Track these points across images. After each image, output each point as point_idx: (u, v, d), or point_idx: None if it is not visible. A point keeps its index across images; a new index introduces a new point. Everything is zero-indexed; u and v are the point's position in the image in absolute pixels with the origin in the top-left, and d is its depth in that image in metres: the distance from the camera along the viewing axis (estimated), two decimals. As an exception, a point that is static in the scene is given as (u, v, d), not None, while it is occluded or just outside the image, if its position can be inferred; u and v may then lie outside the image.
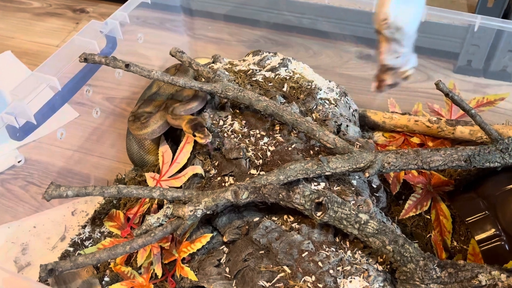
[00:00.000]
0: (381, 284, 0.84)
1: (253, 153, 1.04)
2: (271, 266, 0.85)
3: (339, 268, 0.85)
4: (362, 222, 0.84)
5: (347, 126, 1.14)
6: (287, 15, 1.58)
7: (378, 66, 0.80)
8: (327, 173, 0.95)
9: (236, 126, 1.10)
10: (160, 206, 1.10)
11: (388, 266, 0.88)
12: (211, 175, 1.04)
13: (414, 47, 0.75)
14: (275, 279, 0.84)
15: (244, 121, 1.12)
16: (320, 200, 0.85)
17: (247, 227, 0.94)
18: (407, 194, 1.15)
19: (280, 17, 1.60)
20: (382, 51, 0.75)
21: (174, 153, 1.12)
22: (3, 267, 0.82)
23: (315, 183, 0.98)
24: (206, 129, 1.01)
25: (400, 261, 0.83)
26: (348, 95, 1.26)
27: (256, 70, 1.25)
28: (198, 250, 0.95)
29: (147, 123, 1.15)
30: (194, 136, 1.00)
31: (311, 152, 1.05)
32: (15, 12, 2.04)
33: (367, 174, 0.92)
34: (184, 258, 0.96)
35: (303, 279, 0.83)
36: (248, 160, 1.03)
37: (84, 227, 1.22)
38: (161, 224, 0.92)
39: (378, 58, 0.79)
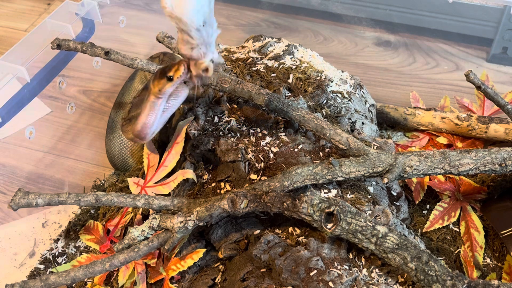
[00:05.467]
0: (402, 308, 0.84)
1: (253, 155, 1.04)
2: (274, 286, 0.86)
3: (353, 289, 0.85)
4: (380, 235, 0.84)
5: (362, 123, 1.14)
6: (293, -5, 1.59)
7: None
8: (339, 179, 0.95)
9: (234, 123, 1.11)
10: (145, 216, 1.11)
11: (410, 287, 0.88)
12: (204, 181, 1.05)
13: (212, 41, 0.85)
14: (279, 301, 0.84)
15: (242, 118, 1.12)
16: (331, 210, 0.85)
17: (246, 241, 0.94)
18: (433, 203, 1.15)
19: (285, -3, 1.61)
20: (178, 40, 0.84)
21: (161, 155, 1.12)
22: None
23: (325, 190, 0.98)
24: (171, 63, 0.92)
25: (424, 280, 0.83)
26: (364, 87, 1.26)
27: (256, 58, 1.25)
28: (189, 267, 0.95)
29: None
30: (171, 79, 0.90)
31: (321, 154, 1.05)
32: (-24, -9, 2.05)
33: (386, 180, 0.92)
34: (173, 277, 0.97)
35: (311, 302, 0.83)
36: (247, 163, 1.03)
37: (56, 241, 1.22)
38: (146, 238, 0.92)
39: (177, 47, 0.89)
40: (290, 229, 0.94)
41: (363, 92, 1.24)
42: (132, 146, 1.26)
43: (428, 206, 1.17)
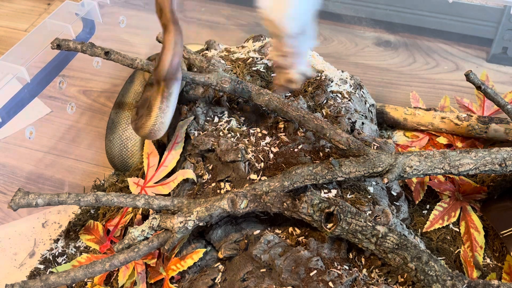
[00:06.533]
0: (402, 308, 0.84)
1: (253, 155, 1.04)
2: (274, 286, 0.86)
3: (353, 289, 0.85)
4: (380, 235, 0.84)
5: (362, 123, 1.14)
6: (293, -5, 1.58)
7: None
8: (339, 179, 0.95)
9: (234, 123, 1.11)
10: (145, 216, 1.11)
11: (410, 287, 0.88)
12: (204, 181, 1.05)
13: (304, 52, 0.77)
14: (279, 301, 0.84)
15: (243, 118, 1.12)
16: (331, 210, 0.85)
17: (246, 241, 0.94)
18: (432, 203, 1.15)
19: (284, -3, 1.60)
20: (271, 44, 0.76)
21: (161, 155, 1.12)
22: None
23: (325, 190, 0.98)
24: None
25: (424, 280, 0.83)
26: (364, 87, 1.26)
27: (257, 58, 1.25)
28: (189, 268, 0.95)
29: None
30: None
31: (321, 154, 1.05)
32: (-24, -9, 2.05)
33: (386, 180, 0.92)
34: (173, 277, 0.97)
35: (311, 302, 0.83)
36: (247, 163, 1.03)
37: (56, 241, 1.22)
38: (146, 238, 0.92)
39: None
40: (290, 229, 0.94)
41: (363, 92, 1.24)
42: (132, 146, 1.26)
43: (428, 206, 1.17)
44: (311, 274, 0.86)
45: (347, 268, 0.88)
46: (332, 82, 1.20)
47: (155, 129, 1.04)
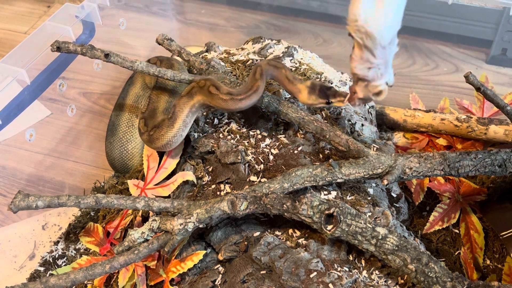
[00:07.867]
0: (402, 310, 0.84)
1: (253, 156, 1.04)
2: (274, 288, 0.86)
3: (353, 290, 0.85)
4: (380, 237, 0.84)
5: (362, 125, 1.14)
6: (293, -3, 1.59)
7: (351, 75, 0.81)
8: (339, 180, 0.95)
9: (234, 125, 1.11)
10: (145, 218, 1.10)
11: (410, 289, 0.88)
12: (204, 183, 1.05)
13: (391, 61, 0.75)
14: (279, 303, 0.84)
15: (242, 120, 1.12)
16: (331, 211, 0.85)
17: (246, 243, 0.94)
18: (432, 205, 1.15)
19: (284, -1, 1.61)
20: (353, 58, 0.75)
21: (161, 157, 1.12)
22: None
23: (325, 192, 0.98)
24: (334, 89, 0.92)
25: (424, 282, 0.83)
26: (363, 89, 1.26)
27: (256, 60, 1.25)
28: (189, 269, 0.95)
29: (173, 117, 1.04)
30: (330, 103, 0.93)
31: (321, 155, 1.05)
32: (-23, -6, 2.05)
33: (385, 182, 0.92)
34: (173, 279, 0.96)
35: (311, 304, 0.83)
36: (247, 165, 1.03)
37: (56, 243, 1.22)
38: (146, 240, 0.92)
39: (350, 65, 0.80)
40: (290, 231, 0.94)
41: (362, 93, 1.24)
42: (133, 148, 1.26)
43: (428, 208, 1.17)
44: (311, 275, 0.85)
45: (347, 269, 0.88)
46: (331, 83, 1.20)
47: (173, 141, 1.04)
